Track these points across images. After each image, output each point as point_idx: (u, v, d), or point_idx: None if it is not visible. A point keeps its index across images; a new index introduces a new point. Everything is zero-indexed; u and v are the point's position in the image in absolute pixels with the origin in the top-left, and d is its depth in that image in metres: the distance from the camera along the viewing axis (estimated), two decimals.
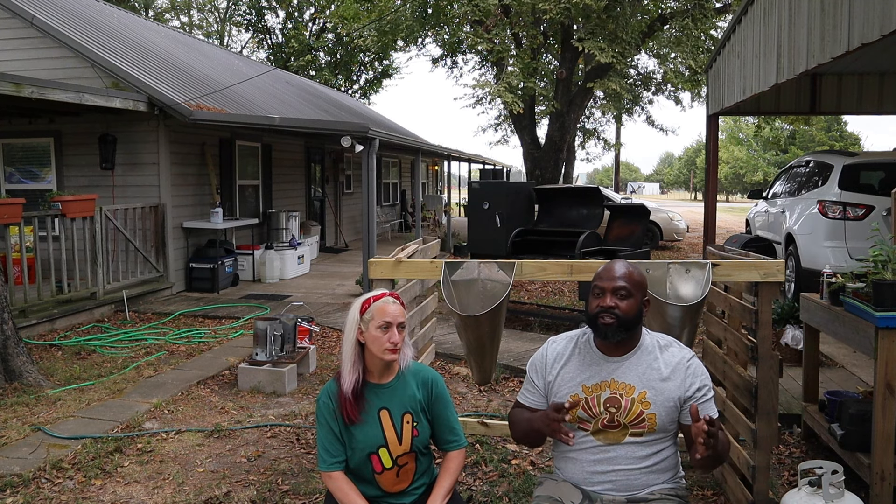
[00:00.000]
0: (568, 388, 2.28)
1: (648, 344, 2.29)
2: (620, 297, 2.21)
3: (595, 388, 2.25)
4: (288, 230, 11.28)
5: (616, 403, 2.22)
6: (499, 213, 10.68)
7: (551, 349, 2.38)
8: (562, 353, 2.35)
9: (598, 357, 2.29)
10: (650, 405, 2.21)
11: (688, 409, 2.20)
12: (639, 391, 2.22)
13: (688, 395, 2.21)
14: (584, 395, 2.25)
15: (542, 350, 2.43)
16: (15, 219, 6.59)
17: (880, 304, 2.95)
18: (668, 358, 2.27)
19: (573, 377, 2.29)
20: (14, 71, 8.19)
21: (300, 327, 5.60)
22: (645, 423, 2.21)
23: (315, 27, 28.49)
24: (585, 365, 2.29)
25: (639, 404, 2.21)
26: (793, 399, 4.56)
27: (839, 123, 46.02)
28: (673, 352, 2.29)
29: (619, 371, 2.25)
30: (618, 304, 2.19)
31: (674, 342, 2.35)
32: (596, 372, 2.27)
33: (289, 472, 3.76)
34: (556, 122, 15.43)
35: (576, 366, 2.31)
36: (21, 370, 5.19)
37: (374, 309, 2.27)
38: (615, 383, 2.24)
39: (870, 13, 3.77)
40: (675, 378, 2.23)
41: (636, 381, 2.23)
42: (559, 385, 2.30)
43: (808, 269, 7.17)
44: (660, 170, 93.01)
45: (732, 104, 7.87)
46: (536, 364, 2.39)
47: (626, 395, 2.22)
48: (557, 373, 2.32)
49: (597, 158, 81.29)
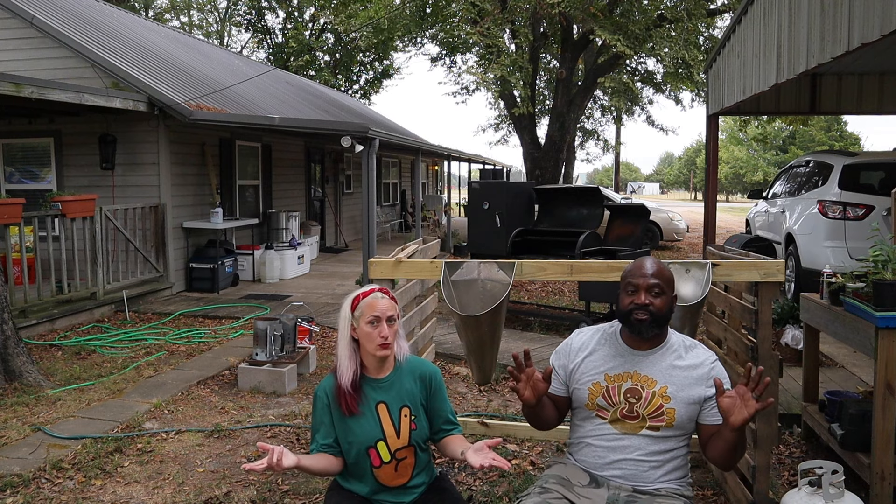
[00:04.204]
0: (591, 377, 2.34)
1: (675, 342, 2.35)
2: (654, 294, 2.25)
3: (617, 378, 2.30)
4: (288, 230, 11.28)
5: (636, 394, 2.27)
6: (499, 213, 10.68)
7: (577, 339, 2.45)
8: (587, 342, 2.41)
9: (623, 349, 2.34)
10: (670, 400, 2.25)
11: (707, 409, 2.25)
12: (660, 385, 2.26)
13: (709, 395, 2.25)
14: (606, 384, 2.31)
15: (568, 339, 2.49)
16: (15, 219, 6.59)
17: (880, 304, 2.95)
18: (692, 357, 2.31)
19: (597, 366, 2.34)
20: (14, 71, 8.19)
21: (300, 327, 5.60)
22: (664, 417, 2.25)
23: (315, 27, 28.48)
24: (610, 356, 2.35)
25: (659, 398, 2.25)
26: (793, 399, 4.56)
27: (839, 123, 46.02)
28: (698, 353, 2.33)
29: (642, 364, 2.30)
30: (652, 301, 2.24)
31: (699, 344, 2.39)
32: (620, 363, 2.32)
33: (289, 472, 3.76)
34: (556, 122, 15.43)
35: (601, 356, 2.36)
36: (21, 370, 5.19)
37: (363, 305, 2.29)
38: (637, 375, 2.29)
39: (870, 13, 3.77)
40: (698, 377, 2.27)
41: (659, 375, 2.28)
42: (582, 372, 2.36)
43: (808, 269, 7.17)
44: (660, 170, 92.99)
45: (732, 104, 7.87)
46: (561, 352, 2.45)
47: (648, 388, 2.27)
48: (581, 361, 2.37)
49: (597, 158, 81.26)
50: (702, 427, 2.28)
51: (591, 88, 16.23)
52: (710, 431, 2.26)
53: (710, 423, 2.24)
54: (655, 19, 13.46)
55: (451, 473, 3.68)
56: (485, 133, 61.61)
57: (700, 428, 2.29)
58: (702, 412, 2.26)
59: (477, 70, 14.83)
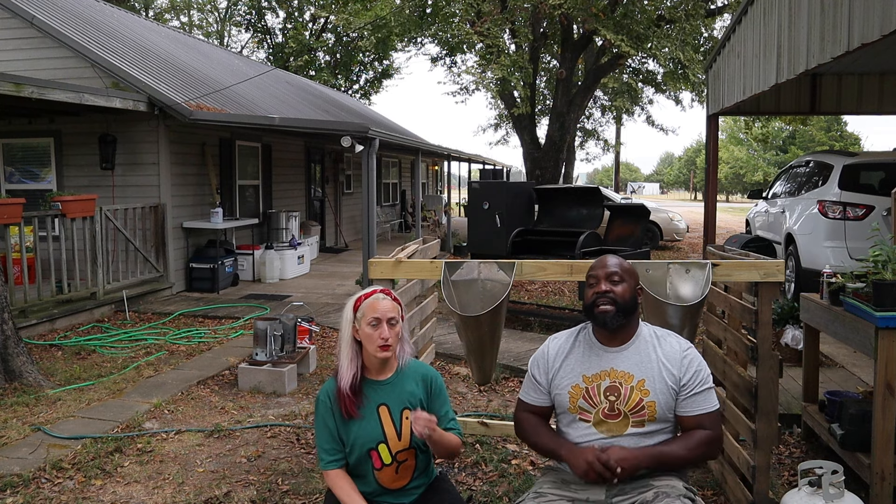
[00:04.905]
0: (569, 380, 2.34)
1: (646, 334, 2.36)
2: (614, 282, 2.29)
3: (595, 377, 2.31)
4: (288, 230, 11.28)
5: (616, 392, 2.27)
6: (499, 213, 10.69)
7: (553, 345, 2.45)
8: (563, 347, 2.41)
9: (597, 347, 2.35)
10: (649, 393, 2.26)
11: (684, 398, 2.26)
12: (637, 379, 2.27)
13: (683, 383, 2.26)
14: (585, 385, 2.31)
15: (543, 347, 2.47)
16: (15, 219, 6.59)
17: (880, 304, 2.95)
18: (665, 347, 2.32)
19: (574, 368, 2.35)
20: (14, 71, 8.19)
21: (300, 327, 5.60)
22: (645, 412, 2.25)
23: (315, 27, 28.47)
24: (586, 356, 2.36)
25: (638, 392, 2.26)
26: (793, 399, 4.56)
27: (839, 123, 46.01)
28: (671, 341, 2.35)
29: (617, 360, 2.31)
30: (612, 288, 2.28)
31: (671, 334, 2.40)
32: (596, 362, 2.33)
33: (289, 472, 3.76)
34: (556, 122, 15.44)
35: (577, 358, 2.37)
36: (21, 370, 5.19)
37: (364, 306, 2.30)
38: (614, 372, 2.30)
39: (870, 13, 3.77)
40: (671, 365, 2.28)
41: (634, 369, 2.29)
42: (561, 377, 2.36)
43: (808, 269, 7.16)
44: (660, 170, 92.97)
45: (732, 104, 7.88)
46: (539, 361, 2.44)
47: (626, 384, 2.27)
48: (560, 366, 2.38)
49: (597, 158, 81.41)
50: (678, 418, 2.29)
51: (592, 88, 16.23)
52: (687, 423, 2.28)
53: (684, 415, 2.27)
54: (655, 19, 13.48)
55: (451, 473, 3.68)
56: (485, 133, 61.69)
57: (678, 420, 2.30)
58: (676, 402, 2.27)
59: (476, 70, 14.86)
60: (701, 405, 2.26)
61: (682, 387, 2.26)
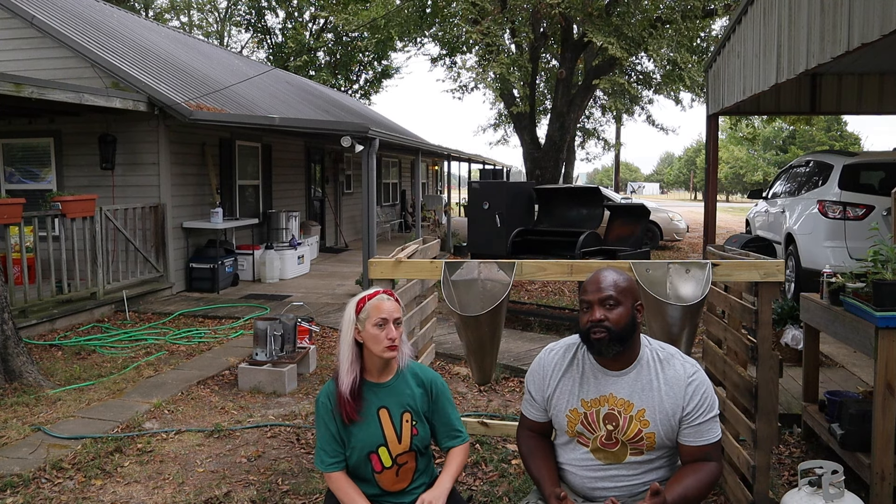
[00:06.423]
0: (567, 403, 2.23)
1: (648, 358, 2.21)
2: (608, 307, 2.12)
3: (594, 402, 2.19)
4: (288, 230, 11.28)
5: (614, 420, 2.16)
6: (499, 213, 10.69)
7: (548, 359, 2.31)
8: (559, 363, 2.28)
9: (597, 370, 2.21)
10: (649, 424, 2.14)
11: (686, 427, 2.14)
12: (637, 409, 2.15)
13: (687, 412, 2.14)
14: (584, 410, 2.20)
15: (538, 360, 2.35)
16: (15, 219, 6.59)
17: (880, 304, 2.95)
18: (669, 372, 2.18)
19: (571, 390, 2.24)
20: (14, 71, 8.19)
21: (300, 327, 5.60)
22: (643, 443, 2.16)
23: (315, 27, 28.47)
24: (584, 378, 2.23)
25: (637, 422, 2.15)
26: (793, 399, 4.56)
27: (839, 123, 46.03)
28: (675, 366, 2.19)
29: (617, 385, 2.18)
30: (607, 315, 2.10)
31: (676, 355, 2.24)
32: (594, 386, 2.20)
33: (289, 472, 3.76)
34: (556, 122, 15.44)
35: (574, 379, 2.24)
36: (21, 370, 5.19)
37: (369, 307, 2.28)
38: (613, 399, 2.18)
39: (870, 13, 3.77)
40: (674, 395, 2.15)
41: (635, 398, 2.16)
42: (558, 398, 2.25)
43: (808, 269, 7.17)
44: (660, 170, 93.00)
45: (732, 104, 7.87)
46: (534, 377, 2.33)
47: (625, 413, 2.16)
48: (556, 385, 2.26)
49: (597, 158, 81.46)
50: (678, 446, 2.19)
51: (591, 88, 16.22)
52: (687, 453, 2.16)
53: (687, 444, 2.15)
54: (652, 20, 13.48)
55: None
56: (485, 133, 61.64)
57: (678, 447, 2.19)
58: (679, 431, 2.16)
59: (476, 70, 14.86)
60: (705, 436, 2.14)
61: (686, 416, 2.13)
